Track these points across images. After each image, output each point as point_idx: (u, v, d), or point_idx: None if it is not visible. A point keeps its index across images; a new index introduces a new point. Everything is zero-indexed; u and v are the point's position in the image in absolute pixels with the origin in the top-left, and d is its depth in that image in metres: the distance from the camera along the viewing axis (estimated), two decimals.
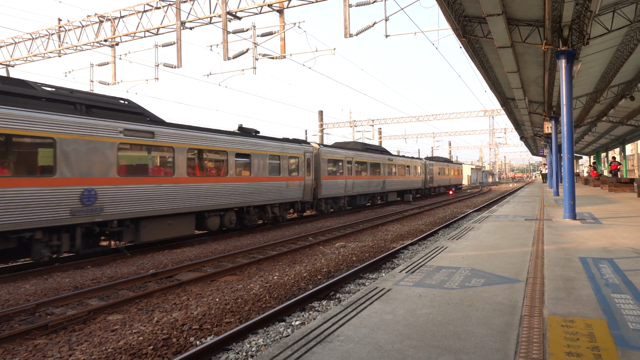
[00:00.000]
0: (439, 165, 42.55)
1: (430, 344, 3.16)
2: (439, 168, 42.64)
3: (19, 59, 22.42)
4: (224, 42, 17.35)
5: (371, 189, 26.47)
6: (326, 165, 21.51)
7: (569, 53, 10.40)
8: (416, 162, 35.76)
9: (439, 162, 43.24)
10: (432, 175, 39.25)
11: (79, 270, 9.87)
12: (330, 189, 21.68)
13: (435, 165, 40.95)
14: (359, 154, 25.38)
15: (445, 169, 45.51)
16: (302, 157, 18.92)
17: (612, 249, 6.61)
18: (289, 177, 18.01)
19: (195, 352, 4.91)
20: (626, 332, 3.27)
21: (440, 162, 44.03)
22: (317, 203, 21.13)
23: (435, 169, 41.04)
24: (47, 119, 9.33)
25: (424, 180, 37.35)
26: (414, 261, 6.17)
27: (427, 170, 37.99)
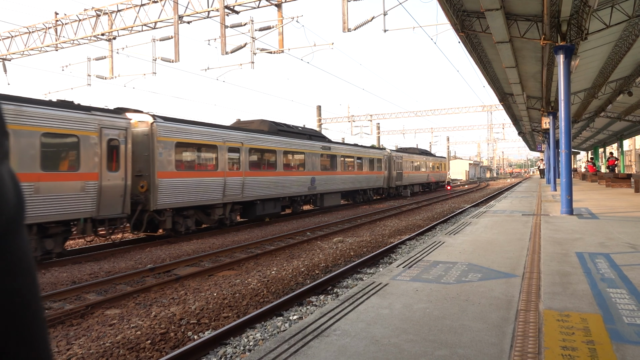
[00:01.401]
0: (412, 159, 34.91)
1: (427, 338, 3.18)
2: (412, 162, 35.10)
3: (15, 53, 22.30)
4: (222, 36, 17.28)
5: (286, 190, 18.16)
6: (170, 153, 12.77)
7: (567, 48, 10.40)
8: (373, 153, 27.78)
9: (411, 155, 35.59)
10: (400, 171, 31.55)
11: (77, 265, 9.87)
12: (178, 193, 12.88)
13: (406, 159, 33.35)
14: (258, 138, 16.53)
15: (422, 163, 38.03)
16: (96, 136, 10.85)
17: (608, 244, 6.64)
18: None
19: (193, 346, 4.93)
20: (621, 327, 3.29)
21: (415, 155, 36.46)
22: (148, 217, 12.34)
23: (407, 163, 33.34)
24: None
25: (387, 177, 29.75)
26: (411, 256, 6.19)
27: (392, 164, 30.29)
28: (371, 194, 27.93)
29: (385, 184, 29.26)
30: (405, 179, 32.86)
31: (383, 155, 29.05)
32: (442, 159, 46.94)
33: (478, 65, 15.50)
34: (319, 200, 21.37)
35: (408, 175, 33.46)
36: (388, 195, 30.98)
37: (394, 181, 30.60)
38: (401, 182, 31.89)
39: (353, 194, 26.28)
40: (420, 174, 37.14)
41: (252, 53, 19.63)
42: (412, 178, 34.59)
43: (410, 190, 34.16)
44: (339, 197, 23.43)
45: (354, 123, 52.50)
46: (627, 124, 29.81)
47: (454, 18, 11.11)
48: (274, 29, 18.33)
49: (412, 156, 35.32)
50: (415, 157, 36.16)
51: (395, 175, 30.66)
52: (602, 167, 41.49)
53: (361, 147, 26.92)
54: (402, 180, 31.99)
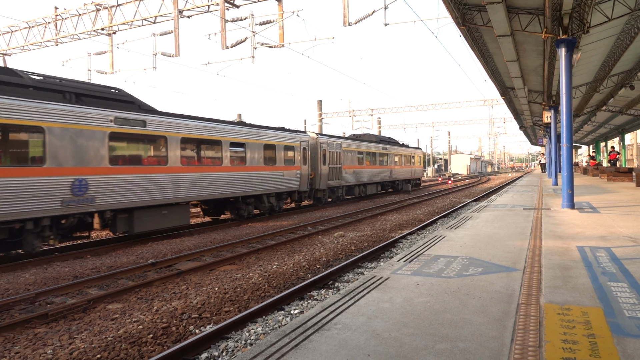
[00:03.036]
0: (360, 148, 24.95)
1: (427, 332, 3.19)
2: (363, 153, 25.25)
3: (15, 48, 22.26)
4: (222, 30, 17.23)
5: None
6: None
7: (569, 42, 10.34)
8: (274, 136, 17.14)
9: (359, 143, 25.16)
10: (337, 165, 22.11)
11: (79, 260, 9.90)
12: None
13: (349, 148, 23.59)
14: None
15: (381, 155, 28.16)
16: None
17: (609, 238, 6.63)
18: None
19: (194, 340, 4.95)
20: (622, 320, 3.29)
21: (367, 143, 26.21)
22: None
23: (351, 154, 23.78)
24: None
25: (307, 174, 19.47)
26: (412, 250, 6.20)
27: (320, 155, 20.55)
28: (278, 202, 17.64)
29: (304, 185, 19.15)
30: (349, 177, 23.38)
31: (298, 142, 18.72)
32: (415, 150, 36.17)
33: (479, 59, 15.44)
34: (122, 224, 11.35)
35: (354, 171, 23.90)
36: (315, 200, 21.17)
37: (325, 180, 20.89)
38: (340, 180, 22.33)
39: (225, 205, 15.85)
40: (378, 169, 27.59)
41: (253, 47, 19.58)
42: (361, 175, 24.96)
43: (360, 191, 25.26)
44: (179, 215, 12.78)
45: (354, 118, 52.45)
46: (629, 118, 29.72)
47: (455, 11, 11.05)
48: (275, 23, 18.28)
49: (360, 145, 25.14)
50: (367, 146, 26.04)
51: (328, 172, 21.17)
52: (604, 161, 41.43)
53: (243, 127, 15.64)
54: (341, 179, 22.45)
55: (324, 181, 21.05)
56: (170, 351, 4.66)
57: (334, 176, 22.09)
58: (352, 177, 24.08)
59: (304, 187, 19.34)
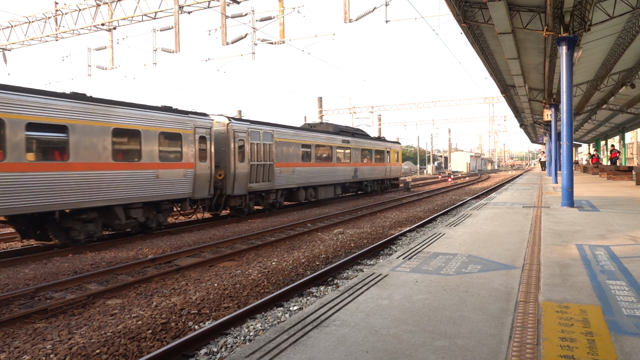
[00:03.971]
0: (306, 141, 19.58)
1: (426, 329, 3.19)
2: (309, 147, 19.78)
3: (15, 43, 22.21)
4: (223, 26, 17.20)
5: None
6: None
7: (570, 40, 10.33)
8: (151, 119, 12.15)
9: (309, 134, 19.96)
10: (267, 162, 16.70)
11: (78, 255, 9.91)
12: None
13: (291, 140, 18.38)
14: None
15: (343, 151, 23.05)
16: None
17: (608, 236, 6.64)
18: None
19: (193, 336, 4.96)
20: (620, 318, 3.30)
21: (321, 135, 20.97)
22: None
23: (292, 149, 18.42)
24: None
25: (198, 175, 13.65)
26: (411, 248, 6.20)
27: (239, 149, 15.40)
28: (156, 215, 12.57)
29: (202, 190, 13.77)
30: (287, 178, 17.97)
31: (190, 128, 13.30)
32: (391, 144, 30.20)
33: (480, 56, 15.42)
34: None
35: (294, 170, 18.38)
36: (232, 210, 15.92)
37: (243, 182, 15.42)
38: (271, 182, 16.92)
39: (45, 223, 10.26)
40: (337, 167, 22.00)
41: (253, 44, 19.56)
42: (308, 175, 19.51)
43: (309, 195, 19.94)
44: None
45: (355, 114, 52.40)
46: (630, 117, 29.70)
47: (456, 9, 11.02)
48: (275, 19, 18.25)
49: (306, 136, 19.47)
50: (318, 137, 20.45)
51: (250, 171, 15.69)
52: (604, 159, 41.44)
53: (64, 100, 9.97)
54: (273, 180, 16.99)
55: (240, 184, 15.29)
56: (169, 347, 4.67)
57: (260, 177, 16.20)
58: (292, 178, 18.19)
59: (201, 192, 13.74)
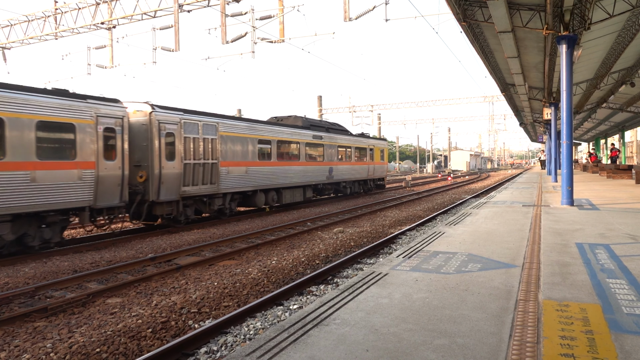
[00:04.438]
0: (265, 136, 16.90)
1: (426, 328, 3.19)
2: (269, 144, 17.21)
3: (15, 42, 22.19)
4: (222, 25, 17.19)
5: None
6: None
7: (570, 38, 10.32)
8: (25, 104, 9.24)
9: (268, 128, 17.24)
10: (210, 161, 14.08)
11: (78, 254, 9.91)
12: None
13: (243, 134, 15.72)
14: None
15: (314, 148, 20.58)
16: None
17: (608, 235, 6.64)
18: None
19: (193, 335, 4.96)
20: (620, 317, 3.30)
21: (284, 129, 18.36)
22: None
23: (245, 145, 15.78)
24: None
25: (101, 178, 10.78)
26: (411, 246, 6.20)
27: (166, 146, 12.55)
28: (38, 231, 9.87)
29: (110, 196, 11.12)
30: (238, 179, 15.28)
31: (91, 118, 10.75)
32: (375, 141, 28.01)
33: (480, 55, 15.41)
34: None
35: (248, 170, 15.70)
36: (163, 219, 13.16)
37: (172, 186, 12.68)
38: (216, 185, 14.25)
39: None
40: (305, 166, 19.52)
41: (253, 42, 19.55)
42: (268, 176, 16.87)
43: (270, 199, 17.16)
44: None
45: (355, 113, 52.40)
46: (629, 115, 29.69)
47: (456, 7, 11.01)
48: (275, 18, 18.24)
49: (263, 130, 16.81)
50: (281, 132, 17.94)
51: (184, 173, 13.01)
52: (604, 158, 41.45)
53: None
54: (218, 183, 14.34)
55: (169, 187, 12.50)
56: (169, 345, 4.67)
57: (199, 178, 13.50)
58: (245, 179, 15.49)
59: (108, 199, 10.95)
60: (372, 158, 26.83)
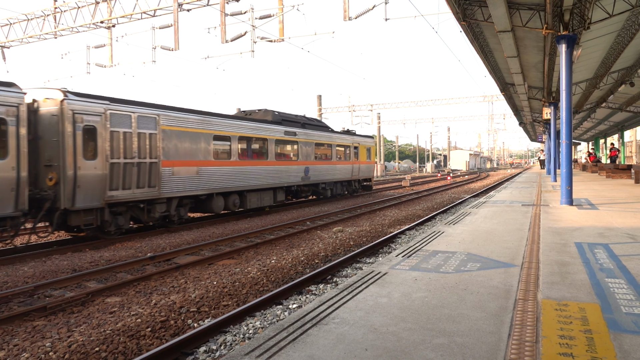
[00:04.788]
0: (222, 131, 14.72)
1: (425, 327, 3.20)
2: (227, 140, 15.04)
3: (14, 40, 22.16)
4: (222, 24, 17.18)
5: None
6: None
7: (570, 38, 10.32)
8: None
9: (226, 122, 14.94)
10: (147, 160, 11.80)
11: (77, 253, 9.90)
12: None
13: (193, 129, 13.45)
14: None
15: (285, 146, 18.51)
16: None
17: (607, 234, 6.65)
18: None
19: (193, 334, 4.96)
20: (619, 316, 3.30)
21: (248, 124, 15.99)
22: None
23: (197, 141, 13.59)
24: None
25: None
26: (410, 246, 6.20)
27: (83, 141, 10.28)
28: None
29: (1, 206, 8.87)
30: (190, 182, 13.29)
31: None
32: (360, 138, 25.64)
33: (480, 54, 15.40)
34: None
35: (200, 171, 13.62)
36: (88, 230, 10.91)
37: (94, 189, 10.53)
38: (156, 189, 12.15)
39: None
40: (275, 166, 17.33)
41: (253, 41, 19.54)
42: (228, 177, 14.77)
43: (232, 204, 15.07)
44: None
45: (354, 113, 52.38)
46: (629, 115, 29.70)
47: (456, 7, 11.01)
48: (275, 17, 18.23)
49: (221, 124, 14.70)
50: (243, 127, 15.64)
51: (110, 174, 10.91)
52: (603, 158, 41.48)
53: None
54: (161, 186, 12.28)
55: (89, 192, 10.44)
56: (168, 345, 4.67)
57: (133, 181, 11.37)
58: (196, 182, 13.41)
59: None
60: (357, 157, 24.84)
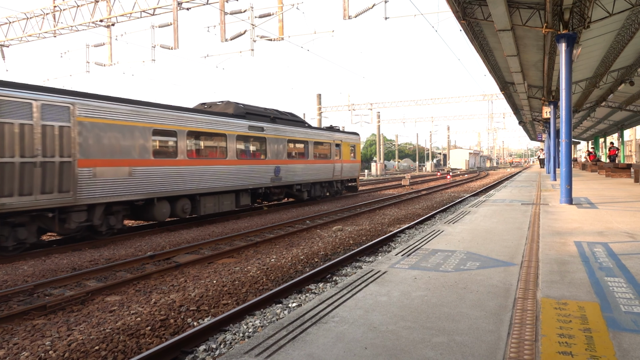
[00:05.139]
0: (167, 125, 12.39)
1: (425, 325, 3.20)
2: (173, 135, 12.69)
3: (13, 39, 22.14)
4: (222, 23, 17.16)
5: None
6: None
7: (570, 37, 10.31)
8: None
9: (184, 116, 12.95)
10: (60, 159, 9.66)
11: (77, 252, 9.90)
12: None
13: (124, 122, 11.11)
14: None
15: (250, 143, 16.01)
16: None
17: (607, 233, 6.65)
18: None
19: (192, 332, 4.96)
20: (618, 315, 3.31)
21: (203, 117, 13.68)
22: None
23: (130, 136, 11.26)
24: None
25: None
26: (410, 244, 6.21)
27: None
28: None
29: None
30: (120, 186, 11.13)
31: None
32: (343, 135, 23.17)
33: (479, 53, 15.40)
34: None
35: (133, 172, 11.43)
36: None
37: None
38: (73, 194, 9.93)
39: None
40: (237, 167, 15.08)
41: (252, 40, 19.52)
42: (171, 179, 12.53)
43: (181, 209, 13.02)
44: None
45: (354, 112, 52.36)
46: (628, 114, 29.72)
47: (456, 5, 11.00)
48: (274, 16, 18.21)
49: (150, 114, 12.00)
50: (193, 120, 13.43)
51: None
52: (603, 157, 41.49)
53: None
54: (76, 191, 10.00)
55: None
56: (168, 343, 4.67)
57: (35, 185, 9.35)
58: (128, 185, 11.29)
59: None
60: (340, 155, 22.55)
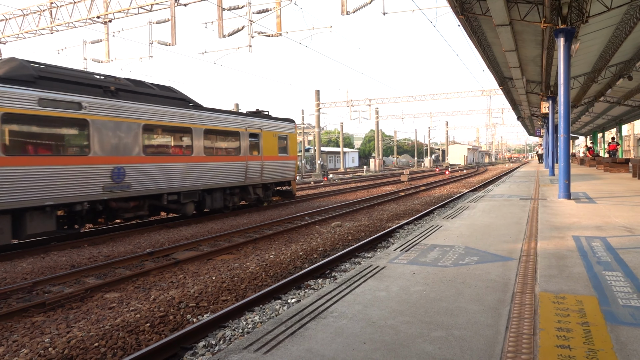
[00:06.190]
0: None
1: (423, 320, 3.21)
2: None
3: (10, 36, 22.04)
4: (219, 19, 17.10)
5: None
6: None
7: (568, 31, 10.30)
8: None
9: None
10: None
11: (76, 249, 9.90)
12: None
13: None
14: None
15: (38, 127, 9.13)
16: None
17: (605, 228, 6.67)
18: None
19: (192, 329, 4.97)
20: (616, 308, 3.32)
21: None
22: None
23: None
24: None
25: None
26: (408, 240, 6.21)
27: None
28: None
29: None
30: None
31: None
32: (272, 123, 16.74)
33: (478, 48, 15.37)
34: None
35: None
36: None
37: None
38: None
39: None
40: (13, 168, 8.70)
41: (250, 36, 19.46)
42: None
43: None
44: None
45: (352, 108, 52.29)
46: (627, 109, 29.72)
47: (454, 0, 10.97)
48: (272, 11, 18.15)
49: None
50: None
51: None
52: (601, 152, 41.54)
53: None
54: None
55: None
56: (167, 339, 4.68)
57: None
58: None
59: None
60: (259, 150, 15.86)
